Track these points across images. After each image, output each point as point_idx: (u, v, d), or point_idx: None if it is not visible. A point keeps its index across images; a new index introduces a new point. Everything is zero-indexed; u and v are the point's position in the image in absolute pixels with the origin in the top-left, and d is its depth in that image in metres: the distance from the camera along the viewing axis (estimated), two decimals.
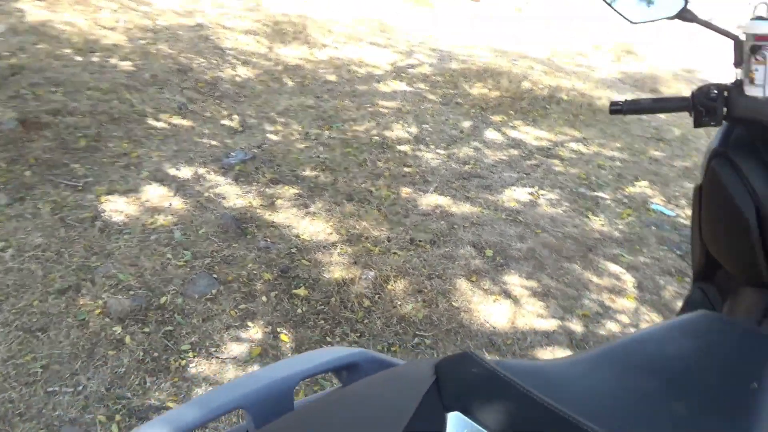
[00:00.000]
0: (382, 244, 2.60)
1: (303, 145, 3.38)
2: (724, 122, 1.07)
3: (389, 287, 2.34)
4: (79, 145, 2.95)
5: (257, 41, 4.94)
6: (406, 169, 3.29)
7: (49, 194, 2.56)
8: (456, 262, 2.52)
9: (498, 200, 3.09)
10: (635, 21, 1.16)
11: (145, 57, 4.09)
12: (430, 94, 4.50)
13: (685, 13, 1.09)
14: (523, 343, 2.12)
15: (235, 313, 2.13)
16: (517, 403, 0.63)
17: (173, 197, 2.69)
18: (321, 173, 3.11)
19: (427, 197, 3.02)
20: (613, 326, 2.23)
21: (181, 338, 2.00)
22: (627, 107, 1.11)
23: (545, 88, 4.90)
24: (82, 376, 1.82)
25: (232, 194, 2.81)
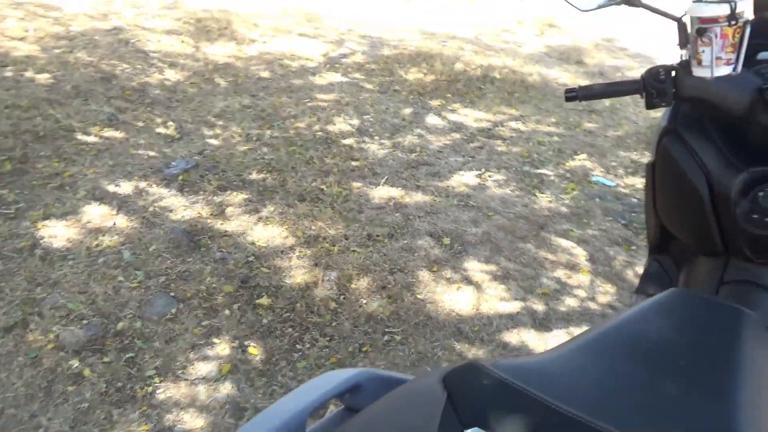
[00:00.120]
0: (340, 242, 2.58)
1: (246, 148, 3.30)
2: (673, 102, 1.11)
3: (353, 286, 2.33)
4: (5, 169, 2.75)
5: (181, 41, 4.74)
6: (353, 163, 3.27)
7: None
8: (416, 254, 2.54)
9: (448, 186, 3.12)
10: (584, 9, 1.18)
11: (63, 67, 3.85)
12: (367, 83, 4.47)
13: None
14: (489, 329, 2.16)
15: (199, 330, 2.07)
16: (531, 412, 0.64)
17: (116, 215, 2.56)
18: (268, 175, 3.05)
19: (379, 190, 3.01)
20: (572, 302, 2.31)
21: (144, 364, 1.92)
22: (582, 94, 1.13)
23: (478, 68, 4.96)
24: (42, 418, 1.73)
25: (178, 206, 2.70)
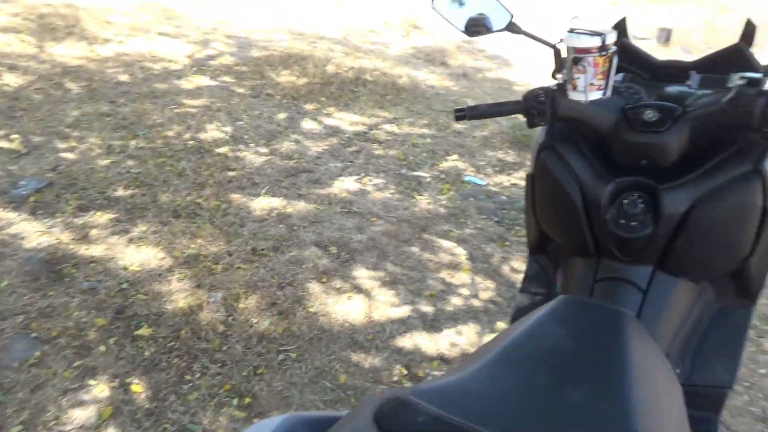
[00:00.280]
0: (223, 260, 2.47)
1: (108, 161, 3.03)
2: None
3: (241, 305, 2.24)
4: None
5: (21, 40, 4.24)
6: (230, 173, 3.14)
7: None
8: (303, 266, 2.50)
9: (330, 193, 3.11)
10: (471, 35, 1.24)
11: None
12: (237, 87, 4.31)
13: (512, 26, 1.19)
14: (383, 335, 2.19)
15: (71, 373, 1.87)
16: None
17: None
18: (137, 190, 2.83)
19: (260, 201, 2.92)
20: (457, 301, 2.41)
21: (7, 420, 1.70)
22: (470, 113, 1.20)
23: (350, 71, 5.00)
24: None
25: (32, 232, 2.42)
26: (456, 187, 3.40)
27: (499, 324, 2.29)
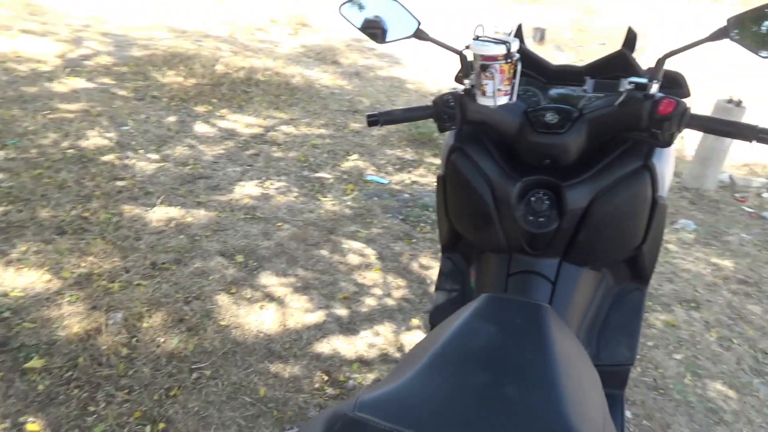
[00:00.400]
0: (119, 277, 2.29)
1: None
2: None
3: (145, 325, 2.10)
4: None
5: None
6: (119, 183, 2.92)
7: None
8: (210, 277, 2.39)
9: (231, 200, 2.99)
10: (381, 43, 1.26)
11: None
12: (119, 90, 4.02)
13: (419, 33, 1.21)
14: (300, 343, 2.15)
15: None
16: None
17: None
18: (11, 207, 2.55)
19: (155, 211, 2.75)
20: (371, 301, 2.43)
21: None
22: (383, 119, 1.22)
23: (240, 71, 4.84)
24: None
25: None
26: (359, 186, 3.42)
27: (414, 321, 2.33)
